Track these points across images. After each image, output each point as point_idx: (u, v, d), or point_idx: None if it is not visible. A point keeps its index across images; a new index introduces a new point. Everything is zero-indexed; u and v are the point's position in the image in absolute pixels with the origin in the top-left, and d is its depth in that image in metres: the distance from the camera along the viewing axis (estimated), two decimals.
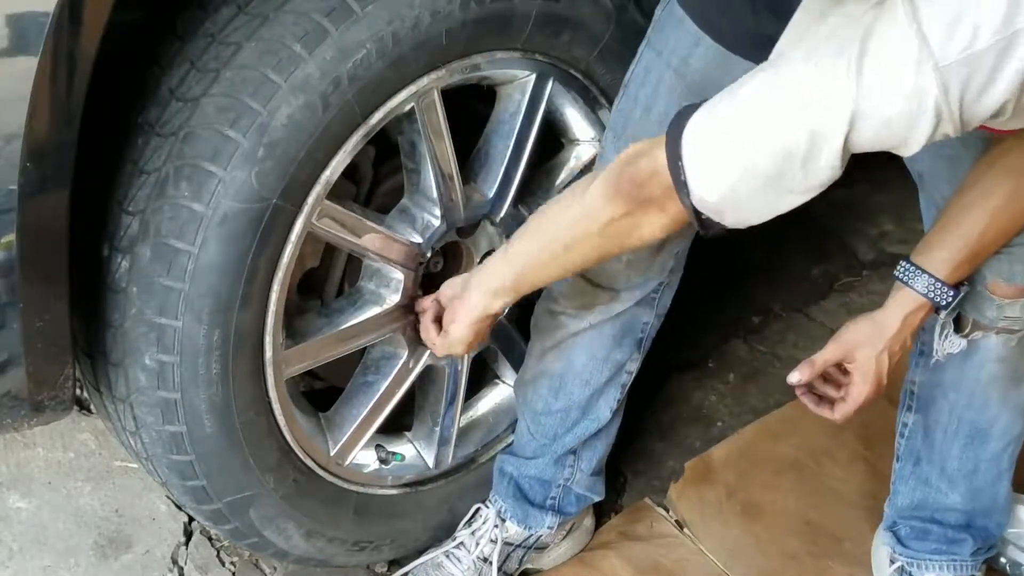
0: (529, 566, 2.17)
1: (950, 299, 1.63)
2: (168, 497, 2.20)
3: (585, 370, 1.96)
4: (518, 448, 2.08)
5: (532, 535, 2.10)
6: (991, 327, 1.75)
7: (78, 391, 1.86)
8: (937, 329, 1.78)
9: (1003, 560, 2.12)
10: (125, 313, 1.65)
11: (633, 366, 1.99)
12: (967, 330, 1.77)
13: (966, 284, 1.66)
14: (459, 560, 2.07)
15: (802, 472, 2.34)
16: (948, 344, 1.80)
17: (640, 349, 1.97)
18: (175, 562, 2.15)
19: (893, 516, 2.05)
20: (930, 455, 1.95)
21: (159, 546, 2.17)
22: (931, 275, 1.62)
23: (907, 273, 1.64)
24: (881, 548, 2.09)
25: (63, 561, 2.13)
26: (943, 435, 1.92)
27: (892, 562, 2.05)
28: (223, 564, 2.16)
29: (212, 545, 2.18)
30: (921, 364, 1.90)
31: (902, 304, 1.65)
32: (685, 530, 2.24)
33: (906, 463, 2.00)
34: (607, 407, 2.01)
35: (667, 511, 2.28)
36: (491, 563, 2.07)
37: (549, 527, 2.10)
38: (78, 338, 1.68)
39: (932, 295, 1.63)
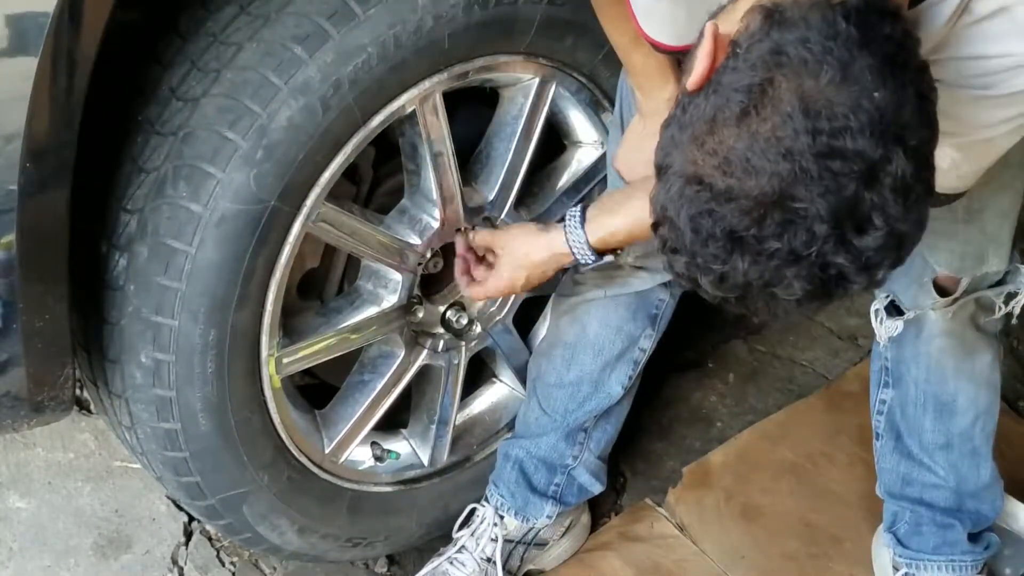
0: (531, 567, 2.17)
1: (590, 262, 1.69)
2: (168, 497, 2.20)
3: (598, 339, 1.97)
4: (524, 430, 2.09)
5: (531, 528, 2.10)
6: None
7: (78, 391, 1.86)
8: (872, 315, 1.82)
9: None
10: (122, 311, 1.65)
11: (646, 343, 2.00)
12: (905, 314, 1.80)
13: (617, 254, 1.72)
14: (463, 564, 2.06)
15: (800, 475, 2.34)
16: (885, 328, 1.82)
17: (654, 327, 1.98)
18: (175, 562, 2.15)
19: (889, 507, 2.05)
20: (908, 429, 1.97)
21: (159, 546, 2.17)
22: (586, 236, 1.67)
23: (572, 221, 1.69)
24: (882, 550, 2.10)
25: (63, 561, 2.13)
26: (914, 409, 1.94)
27: (896, 569, 2.06)
28: (223, 564, 2.16)
29: (212, 545, 2.18)
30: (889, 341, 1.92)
31: (556, 242, 1.71)
32: (685, 531, 2.24)
33: (887, 439, 2.01)
34: (618, 383, 2.02)
35: (667, 512, 2.28)
36: (495, 562, 2.07)
37: (548, 517, 2.10)
38: (76, 334, 1.68)
39: (578, 253, 1.69)
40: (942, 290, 1.77)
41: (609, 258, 1.71)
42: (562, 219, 1.71)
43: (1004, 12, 1.22)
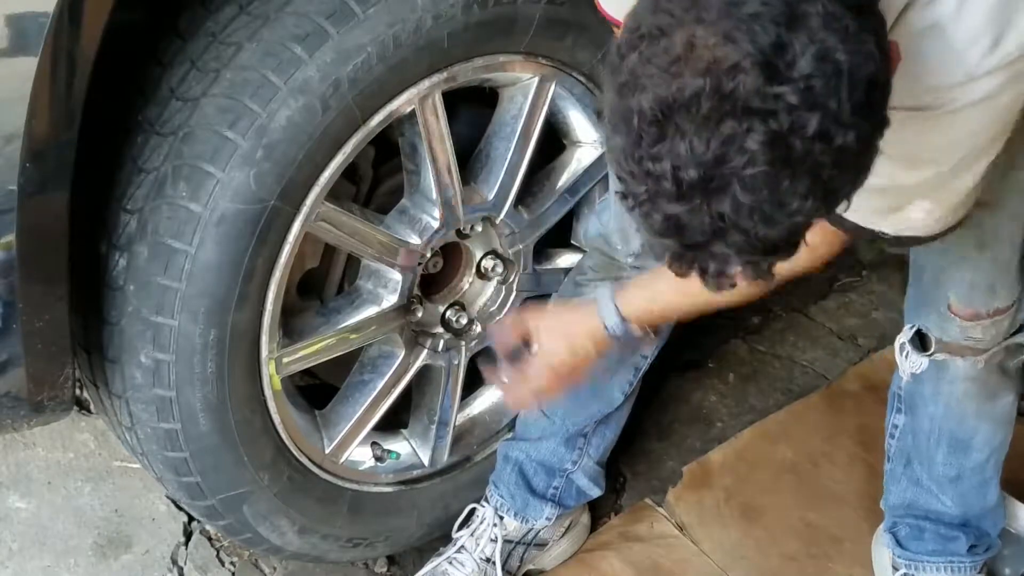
0: (531, 567, 2.17)
1: (619, 333, 1.65)
2: (168, 497, 2.20)
3: None
4: (524, 432, 2.09)
5: (531, 529, 2.10)
6: (955, 348, 1.76)
7: (78, 391, 1.86)
8: (896, 348, 1.81)
9: None
10: (122, 311, 1.65)
11: (647, 350, 1.99)
12: (931, 350, 1.78)
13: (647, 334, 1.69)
14: (462, 564, 2.06)
15: (800, 475, 2.34)
16: (909, 363, 1.81)
17: (656, 332, 1.97)
18: (175, 562, 2.15)
19: (890, 516, 2.05)
20: (919, 457, 1.96)
21: (159, 546, 2.17)
22: (615, 305, 1.64)
23: (602, 292, 1.66)
24: (882, 549, 2.09)
25: (63, 561, 2.13)
26: (927, 441, 1.93)
27: (895, 569, 2.06)
28: (223, 564, 2.16)
29: (212, 545, 2.18)
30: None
31: (589, 313, 1.66)
32: (685, 531, 2.24)
33: (897, 463, 2.01)
34: (619, 389, 2.02)
35: (667, 512, 2.28)
36: (494, 563, 2.07)
37: (547, 519, 2.10)
38: (76, 334, 1.68)
39: (608, 322, 1.64)
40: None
41: (638, 332, 1.67)
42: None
43: (935, 29, 1.21)
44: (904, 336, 1.82)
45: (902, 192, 1.37)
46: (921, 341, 1.80)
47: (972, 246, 1.65)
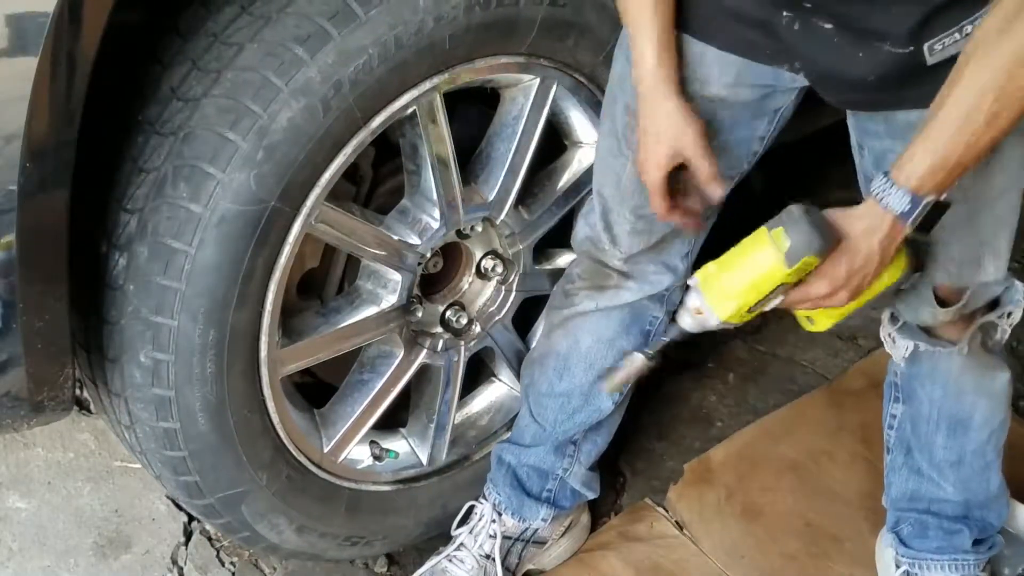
0: (531, 566, 2.17)
1: (908, 208, 1.45)
2: (168, 497, 2.20)
3: (590, 352, 1.96)
4: (517, 436, 2.09)
5: (528, 528, 2.11)
6: (927, 337, 1.78)
7: (78, 391, 1.86)
8: (883, 336, 1.82)
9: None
10: (122, 310, 1.65)
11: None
12: (916, 335, 1.79)
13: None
14: (462, 562, 2.07)
15: (801, 473, 2.34)
16: (896, 348, 1.82)
17: (647, 344, 1.97)
18: (175, 562, 2.15)
19: (893, 513, 2.05)
20: (919, 444, 1.96)
21: (159, 546, 2.17)
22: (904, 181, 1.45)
23: (879, 181, 1.46)
24: (886, 550, 2.09)
25: (63, 561, 2.13)
26: (926, 425, 1.93)
27: (897, 566, 2.06)
28: (223, 564, 2.16)
29: (212, 545, 2.18)
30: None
31: (875, 208, 1.48)
32: (685, 530, 2.24)
33: (897, 453, 2.01)
34: (609, 398, 2.01)
35: (667, 511, 2.28)
36: (494, 559, 2.07)
37: (543, 519, 2.11)
38: (76, 334, 1.68)
39: (895, 204, 1.46)
40: (943, 302, 1.76)
41: (931, 198, 1.45)
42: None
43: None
44: (885, 324, 1.82)
45: None
46: (907, 330, 1.81)
47: (963, 220, 1.64)
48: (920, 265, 1.61)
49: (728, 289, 1.52)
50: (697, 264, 1.75)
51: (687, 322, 1.60)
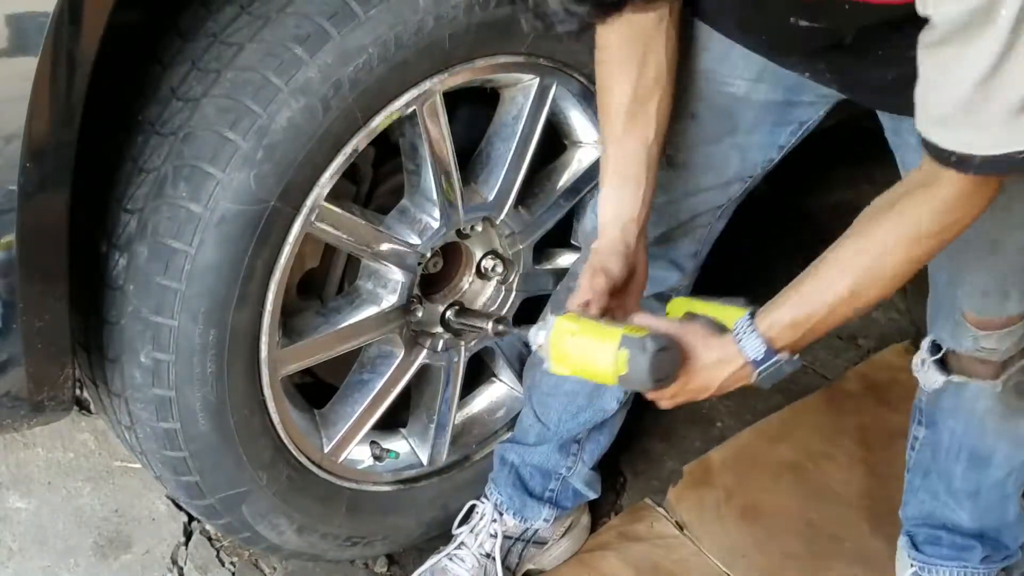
0: (531, 566, 2.17)
1: (764, 360, 1.49)
2: (168, 497, 2.20)
3: None
4: (521, 435, 2.09)
5: (529, 528, 2.11)
6: (968, 364, 1.76)
7: (78, 391, 1.86)
8: (916, 362, 1.81)
9: None
10: (122, 310, 1.65)
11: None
12: (949, 367, 1.78)
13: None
14: (462, 560, 2.07)
15: (801, 474, 2.35)
16: (926, 377, 1.81)
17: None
18: (175, 562, 2.15)
19: (907, 525, 2.06)
20: (938, 470, 1.96)
21: (159, 546, 2.17)
22: (758, 332, 1.47)
23: (741, 324, 1.49)
24: (901, 550, 2.10)
25: (63, 561, 2.13)
26: (946, 455, 1.93)
27: (910, 565, 2.07)
28: (223, 564, 2.16)
29: (212, 545, 2.18)
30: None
31: (729, 349, 1.51)
32: (685, 530, 2.24)
33: (915, 475, 2.01)
34: (613, 398, 2.01)
35: (667, 512, 2.28)
36: (494, 558, 2.07)
37: (545, 520, 2.11)
38: (76, 334, 1.68)
39: (751, 352, 1.48)
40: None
41: (785, 356, 1.50)
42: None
43: None
44: (923, 350, 1.81)
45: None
46: (942, 362, 1.80)
47: (986, 249, 1.64)
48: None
49: (567, 356, 1.53)
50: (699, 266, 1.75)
51: (533, 341, 1.57)
